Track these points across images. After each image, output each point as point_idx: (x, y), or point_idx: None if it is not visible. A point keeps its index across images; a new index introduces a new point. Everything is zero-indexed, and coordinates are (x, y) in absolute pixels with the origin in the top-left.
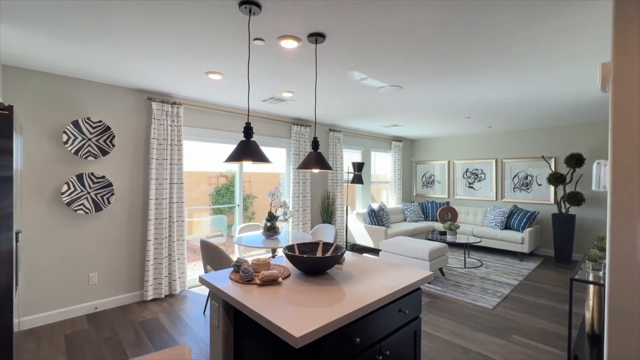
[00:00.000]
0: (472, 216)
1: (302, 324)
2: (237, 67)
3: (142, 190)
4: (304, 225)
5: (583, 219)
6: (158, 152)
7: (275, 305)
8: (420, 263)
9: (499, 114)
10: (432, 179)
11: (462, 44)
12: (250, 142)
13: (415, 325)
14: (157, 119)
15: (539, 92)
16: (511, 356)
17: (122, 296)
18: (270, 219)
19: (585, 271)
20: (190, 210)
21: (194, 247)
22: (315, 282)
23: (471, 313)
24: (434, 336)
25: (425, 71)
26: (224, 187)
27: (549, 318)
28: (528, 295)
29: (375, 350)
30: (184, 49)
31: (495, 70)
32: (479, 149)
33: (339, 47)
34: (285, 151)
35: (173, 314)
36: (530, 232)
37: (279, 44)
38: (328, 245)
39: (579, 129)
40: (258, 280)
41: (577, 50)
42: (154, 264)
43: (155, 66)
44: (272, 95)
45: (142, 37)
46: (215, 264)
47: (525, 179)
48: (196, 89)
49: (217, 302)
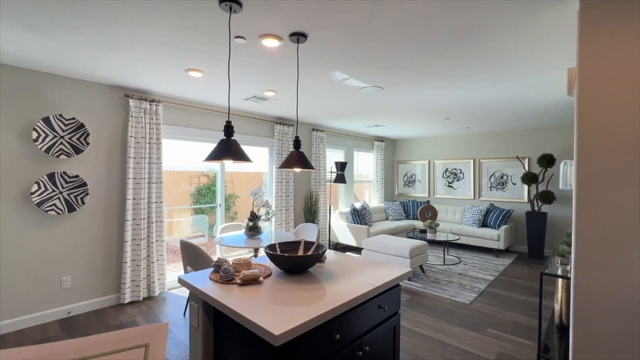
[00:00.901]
0: (451, 214)
1: (282, 322)
2: (218, 64)
3: (119, 190)
4: (287, 224)
5: (554, 216)
6: (136, 150)
7: (255, 305)
8: (402, 261)
9: (476, 115)
10: (413, 179)
11: (440, 46)
12: (230, 140)
13: (394, 321)
14: (134, 117)
15: (513, 95)
16: (486, 348)
17: (97, 300)
18: (252, 218)
19: (555, 266)
20: (170, 211)
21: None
22: (297, 281)
23: (450, 308)
24: (414, 332)
25: (406, 72)
26: (206, 186)
27: (522, 311)
28: (503, 290)
29: (355, 346)
30: (163, 46)
31: (472, 72)
32: (458, 149)
33: (320, 47)
34: (268, 150)
35: (152, 317)
36: (505, 229)
37: (260, 42)
38: (310, 244)
39: (550, 130)
40: (239, 279)
41: (548, 55)
42: (131, 265)
43: (133, 62)
44: (255, 94)
45: (119, 32)
46: (195, 264)
47: (501, 178)
48: (176, 87)
49: (197, 302)
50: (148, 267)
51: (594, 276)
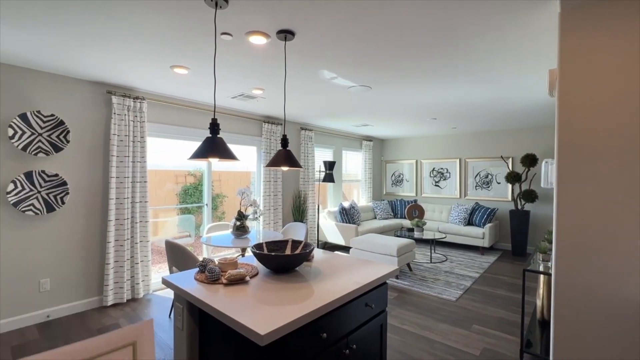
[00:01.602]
0: (437, 213)
1: (268, 322)
2: (204, 61)
3: (101, 189)
4: (275, 224)
5: (536, 214)
6: (119, 149)
7: (241, 305)
8: (389, 259)
9: (462, 115)
10: (401, 178)
11: (426, 47)
12: (216, 138)
13: (381, 319)
14: (117, 114)
15: (497, 96)
16: (471, 344)
17: (78, 302)
18: (239, 218)
19: (537, 262)
20: (156, 211)
21: (160, 248)
22: (284, 280)
23: (436, 306)
24: (401, 329)
25: (393, 72)
26: (192, 186)
27: (506, 307)
28: (487, 287)
29: (342, 344)
30: (147, 41)
31: (457, 73)
32: (445, 149)
33: (308, 45)
34: (256, 149)
35: (136, 319)
36: (490, 227)
37: (247, 39)
38: (297, 242)
39: (533, 131)
40: (224, 279)
41: (531, 57)
42: (114, 267)
43: (116, 58)
44: (242, 92)
45: (101, 26)
46: (181, 265)
47: (486, 177)
48: (161, 84)
49: (181, 303)
50: (132, 268)
51: (574, 272)
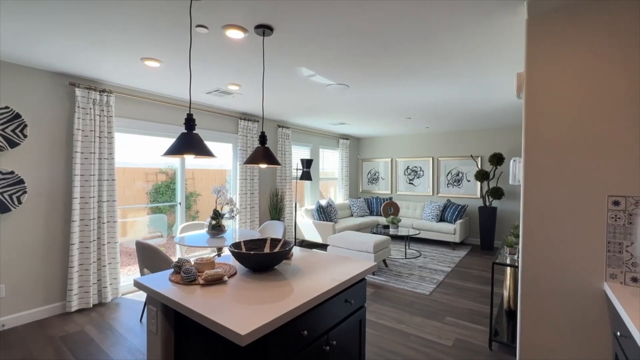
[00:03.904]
0: (412, 210)
1: (248, 322)
2: (177, 54)
3: (63, 187)
4: (252, 222)
5: (503, 210)
6: (84, 145)
7: (219, 305)
8: (366, 255)
9: (435, 115)
10: (376, 176)
11: (401, 48)
12: (192, 134)
13: (360, 314)
14: (82, 108)
15: (468, 97)
16: (444, 335)
17: (38, 309)
18: (215, 216)
19: (504, 256)
20: (125, 210)
21: (129, 249)
22: (263, 279)
23: (411, 300)
24: (378, 324)
25: (370, 71)
26: (164, 184)
27: (476, 299)
28: (459, 280)
29: (322, 341)
30: (114, 30)
31: (430, 74)
32: (418, 148)
33: (287, 41)
34: (232, 147)
35: (103, 325)
36: (460, 223)
37: (224, 33)
38: (276, 241)
39: (501, 131)
40: (201, 280)
41: (500, 60)
42: (79, 270)
43: (79, 47)
44: (218, 88)
45: (65, 13)
46: (153, 266)
47: (457, 175)
48: (131, 77)
49: (155, 306)
50: (99, 271)
51: (538, 265)
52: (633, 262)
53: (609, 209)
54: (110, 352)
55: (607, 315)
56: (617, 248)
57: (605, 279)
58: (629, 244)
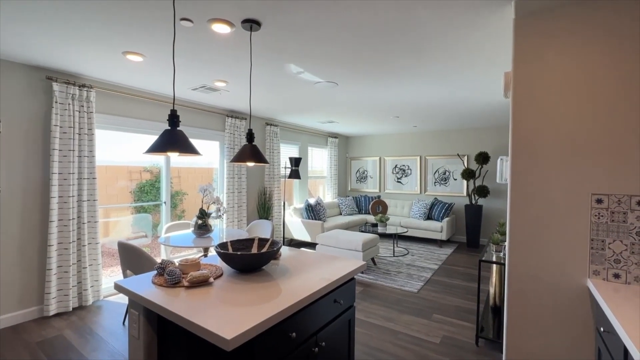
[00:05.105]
0: (399, 208)
1: (234, 325)
2: (161, 48)
3: (40, 186)
4: (239, 222)
5: (488, 208)
6: (62, 142)
7: (205, 308)
8: (355, 254)
9: (422, 114)
10: (365, 174)
11: (390, 45)
12: (176, 131)
13: (349, 314)
14: (60, 103)
15: (456, 96)
16: (432, 333)
17: (13, 314)
18: (201, 216)
19: (490, 253)
20: (107, 210)
21: (112, 250)
22: (250, 280)
23: (399, 298)
24: (367, 322)
25: (359, 68)
26: (148, 183)
27: (462, 296)
28: (445, 278)
29: (311, 342)
30: (94, 21)
31: (418, 73)
32: (406, 146)
33: (275, 37)
34: (219, 144)
35: (84, 329)
36: (447, 221)
37: (209, 27)
38: (264, 240)
39: (486, 131)
40: (186, 282)
41: (487, 60)
42: (57, 272)
43: (58, 40)
44: (204, 84)
45: (41, 1)
46: (136, 268)
47: (444, 174)
48: (112, 71)
49: (137, 310)
50: (79, 273)
51: (524, 262)
52: (615, 258)
53: (592, 206)
54: (91, 357)
55: (591, 311)
56: (600, 245)
57: (588, 275)
58: (611, 241)
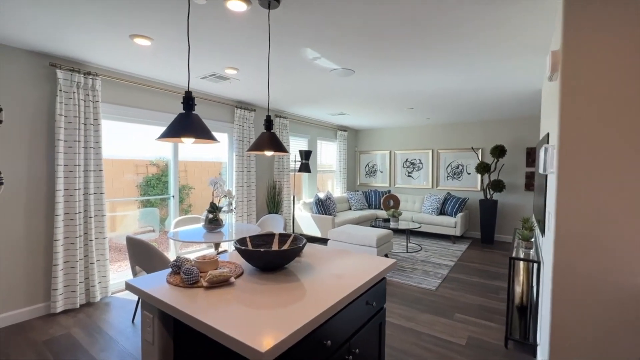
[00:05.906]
0: (410, 203)
1: (265, 334)
2: (171, 30)
3: (45, 179)
4: (248, 216)
5: (503, 203)
6: (67, 132)
7: (229, 312)
8: (369, 250)
9: (438, 105)
10: (374, 169)
11: (415, 31)
12: (191, 115)
13: (380, 317)
14: (64, 92)
15: (473, 86)
16: (457, 334)
17: (18, 311)
18: (212, 210)
19: (519, 249)
20: (114, 204)
21: (119, 245)
22: (274, 280)
23: (417, 295)
24: (387, 322)
25: (378, 53)
26: (155, 176)
27: (483, 294)
28: (463, 275)
29: (344, 350)
30: (99, 2)
31: (442, 60)
32: (417, 140)
33: (294, 16)
34: (227, 137)
35: (92, 327)
36: (461, 216)
37: (224, 5)
38: (285, 236)
39: (503, 122)
40: (205, 282)
41: (516, 47)
42: (64, 268)
43: (62, 23)
44: (214, 72)
45: None
46: (145, 264)
47: (457, 168)
48: (118, 57)
49: (152, 312)
50: (86, 269)
51: (574, 260)
52: None
53: None
54: (99, 357)
55: None
56: None
57: None
58: None
